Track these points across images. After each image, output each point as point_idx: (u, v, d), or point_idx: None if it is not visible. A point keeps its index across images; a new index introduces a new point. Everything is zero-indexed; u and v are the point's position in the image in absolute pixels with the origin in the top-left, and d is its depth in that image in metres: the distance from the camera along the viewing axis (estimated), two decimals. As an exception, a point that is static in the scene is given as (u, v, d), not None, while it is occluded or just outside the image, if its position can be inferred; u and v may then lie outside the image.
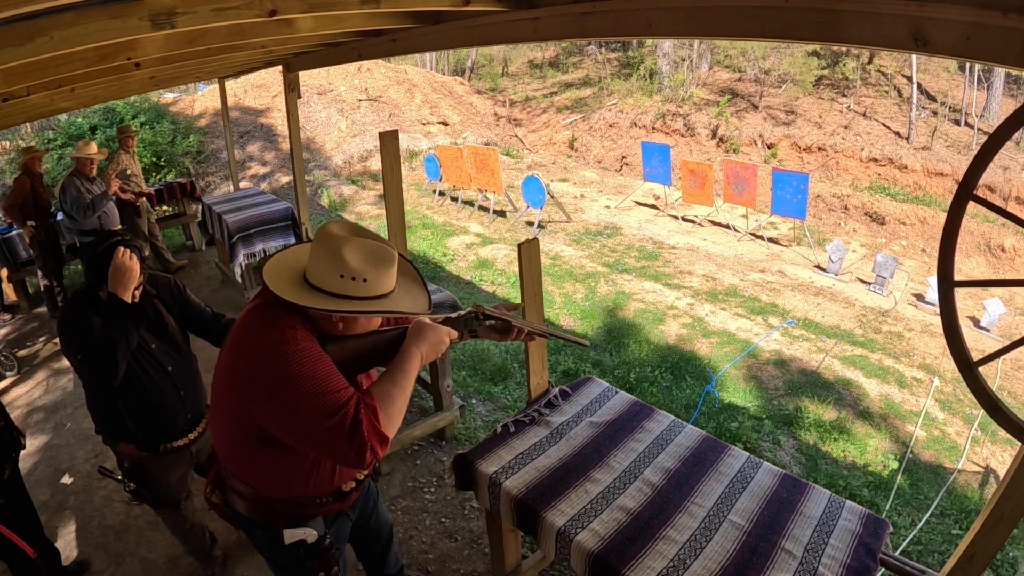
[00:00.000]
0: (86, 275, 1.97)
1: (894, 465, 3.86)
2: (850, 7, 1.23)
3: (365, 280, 1.26)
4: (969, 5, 1.07)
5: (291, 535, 1.47)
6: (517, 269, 2.57)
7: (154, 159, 9.89)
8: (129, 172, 5.58)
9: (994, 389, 1.82)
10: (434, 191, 10.11)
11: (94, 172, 4.82)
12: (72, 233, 4.93)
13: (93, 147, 4.81)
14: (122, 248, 1.91)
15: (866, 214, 9.22)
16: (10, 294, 5.62)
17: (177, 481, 2.22)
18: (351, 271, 1.25)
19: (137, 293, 1.97)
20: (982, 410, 1.62)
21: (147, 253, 5.80)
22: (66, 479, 3.23)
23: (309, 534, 1.48)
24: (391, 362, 1.34)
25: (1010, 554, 3.17)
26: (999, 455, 4.19)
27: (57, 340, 4.87)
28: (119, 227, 5.12)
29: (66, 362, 4.54)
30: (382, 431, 1.22)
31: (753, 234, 8.30)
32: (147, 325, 2.05)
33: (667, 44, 13.77)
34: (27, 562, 2.10)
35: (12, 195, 4.91)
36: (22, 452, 2.28)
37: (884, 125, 10.99)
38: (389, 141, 2.60)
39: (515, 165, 11.93)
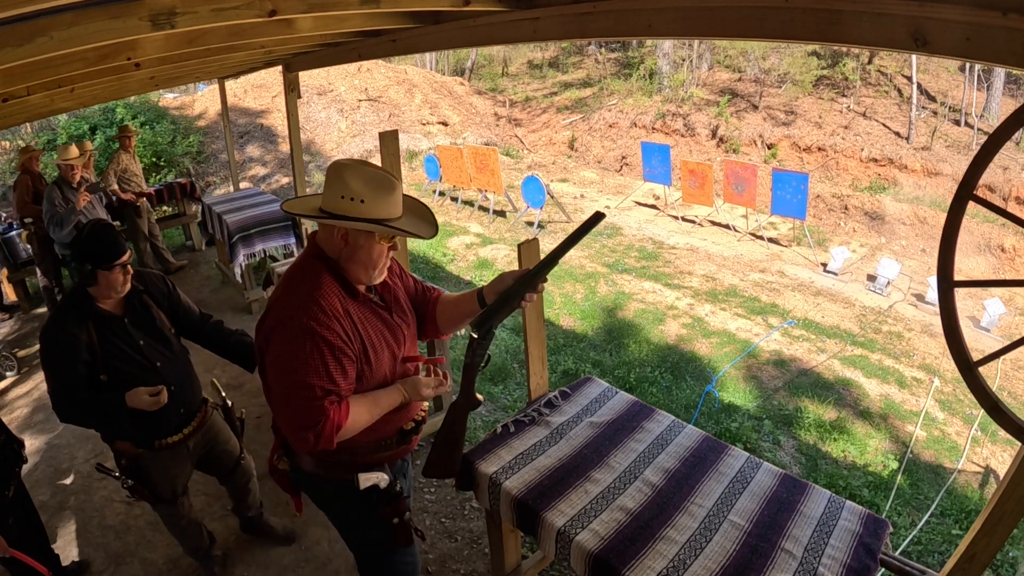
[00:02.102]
0: (75, 272, 1.97)
1: (894, 465, 3.86)
2: (850, 7, 1.23)
3: (363, 201, 1.37)
4: (969, 5, 1.07)
5: (365, 479, 1.54)
6: (517, 269, 2.56)
7: (154, 159, 9.90)
8: (116, 176, 5.55)
9: (994, 389, 1.82)
10: (434, 191, 10.11)
11: (77, 179, 4.52)
12: (57, 245, 4.67)
13: (73, 151, 4.53)
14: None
15: (866, 214, 9.22)
16: (10, 294, 5.63)
17: (175, 477, 2.21)
18: (350, 191, 1.37)
19: (125, 287, 1.99)
20: (982, 410, 1.62)
21: (147, 251, 5.79)
22: (66, 479, 3.23)
23: (381, 478, 1.56)
24: (378, 393, 1.51)
25: (1010, 554, 3.16)
26: (999, 455, 4.19)
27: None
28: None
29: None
30: (333, 439, 1.40)
31: (753, 234, 8.30)
32: (134, 321, 2.03)
33: (667, 44, 13.77)
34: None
35: (20, 196, 4.89)
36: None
37: (884, 125, 10.99)
38: (389, 141, 2.60)
39: (515, 165, 11.93)
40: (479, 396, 1.61)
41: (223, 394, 2.46)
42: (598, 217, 1.53)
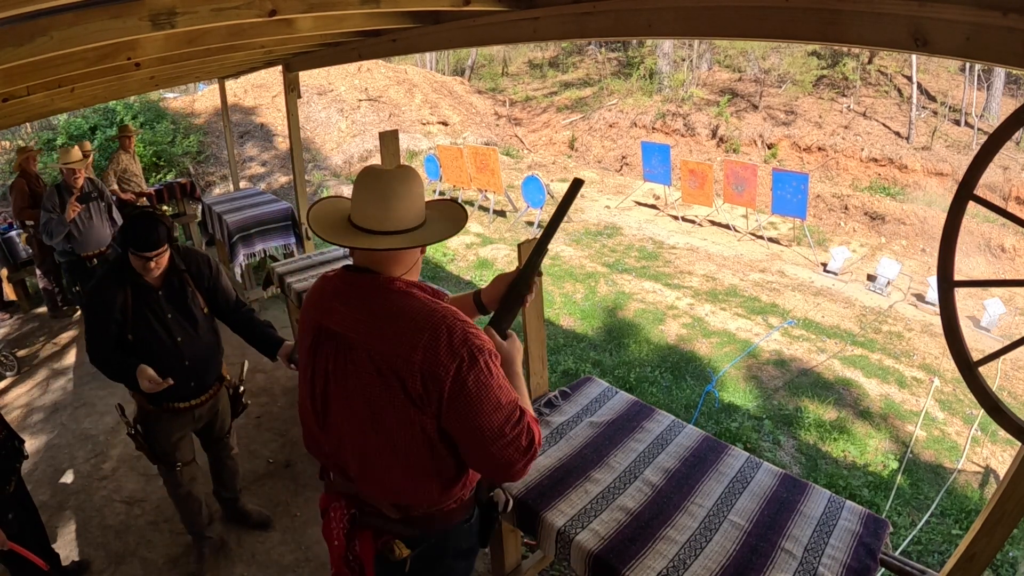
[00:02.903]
0: (120, 245, 2.12)
1: (894, 465, 3.86)
2: (850, 7, 1.23)
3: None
4: (969, 5, 1.07)
5: (500, 497, 1.52)
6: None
7: (154, 159, 9.89)
8: (116, 176, 5.53)
9: (994, 389, 1.82)
10: (434, 191, 10.11)
11: (80, 183, 4.14)
12: (55, 252, 4.43)
13: (75, 153, 4.19)
14: None
15: (866, 214, 9.23)
16: (10, 294, 5.62)
17: (176, 441, 2.36)
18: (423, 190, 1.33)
19: (151, 274, 2.11)
20: (982, 410, 1.62)
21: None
22: (66, 479, 3.23)
23: (498, 493, 1.55)
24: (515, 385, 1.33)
25: (1010, 554, 3.17)
26: (999, 455, 4.19)
27: (56, 340, 4.91)
28: (95, 251, 4.31)
29: (66, 362, 4.55)
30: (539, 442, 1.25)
31: (753, 234, 8.30)
32: (169, 296, 2.20)
33: (667, 44, 13.77)
34: (36, 572, 2.10)
35: (16, 200, 4.84)
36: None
37: (884, 125, 10.99)
38: (389, 141, 2.60)
39: (515, 165, 11.93)
40: None
41: (243, 377, 2.59)
42: (578, 184, 1.38)
